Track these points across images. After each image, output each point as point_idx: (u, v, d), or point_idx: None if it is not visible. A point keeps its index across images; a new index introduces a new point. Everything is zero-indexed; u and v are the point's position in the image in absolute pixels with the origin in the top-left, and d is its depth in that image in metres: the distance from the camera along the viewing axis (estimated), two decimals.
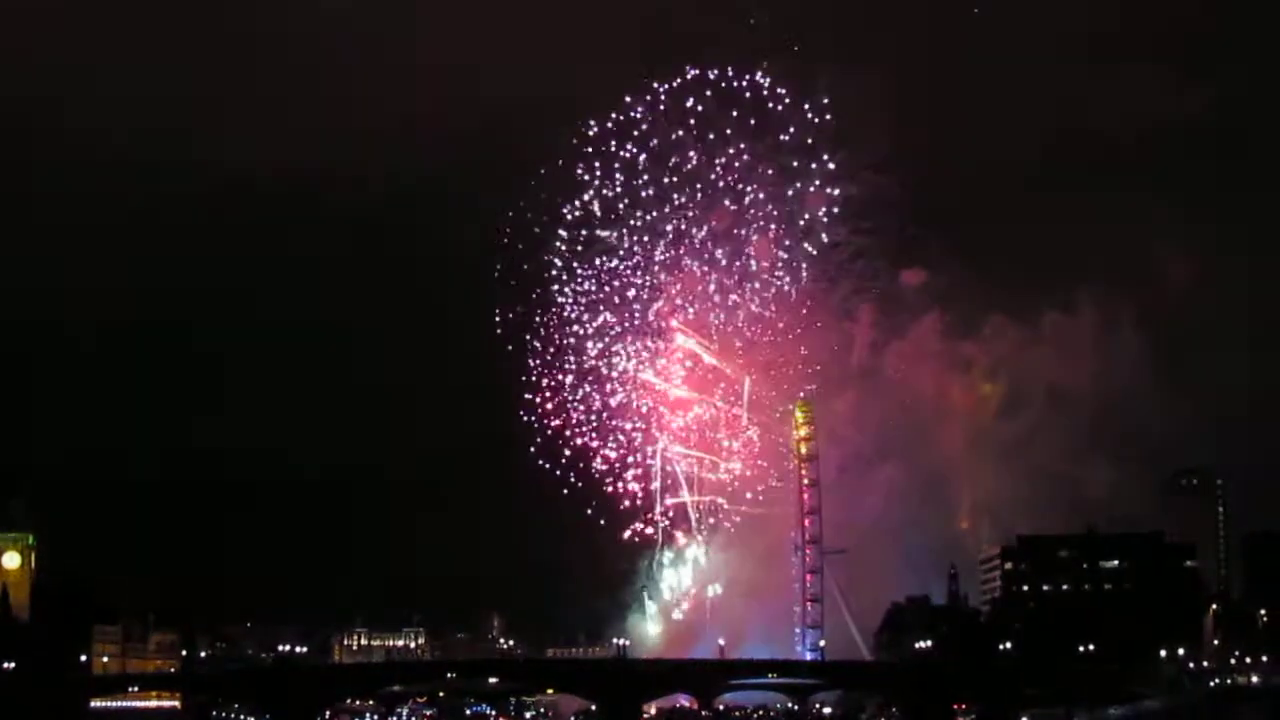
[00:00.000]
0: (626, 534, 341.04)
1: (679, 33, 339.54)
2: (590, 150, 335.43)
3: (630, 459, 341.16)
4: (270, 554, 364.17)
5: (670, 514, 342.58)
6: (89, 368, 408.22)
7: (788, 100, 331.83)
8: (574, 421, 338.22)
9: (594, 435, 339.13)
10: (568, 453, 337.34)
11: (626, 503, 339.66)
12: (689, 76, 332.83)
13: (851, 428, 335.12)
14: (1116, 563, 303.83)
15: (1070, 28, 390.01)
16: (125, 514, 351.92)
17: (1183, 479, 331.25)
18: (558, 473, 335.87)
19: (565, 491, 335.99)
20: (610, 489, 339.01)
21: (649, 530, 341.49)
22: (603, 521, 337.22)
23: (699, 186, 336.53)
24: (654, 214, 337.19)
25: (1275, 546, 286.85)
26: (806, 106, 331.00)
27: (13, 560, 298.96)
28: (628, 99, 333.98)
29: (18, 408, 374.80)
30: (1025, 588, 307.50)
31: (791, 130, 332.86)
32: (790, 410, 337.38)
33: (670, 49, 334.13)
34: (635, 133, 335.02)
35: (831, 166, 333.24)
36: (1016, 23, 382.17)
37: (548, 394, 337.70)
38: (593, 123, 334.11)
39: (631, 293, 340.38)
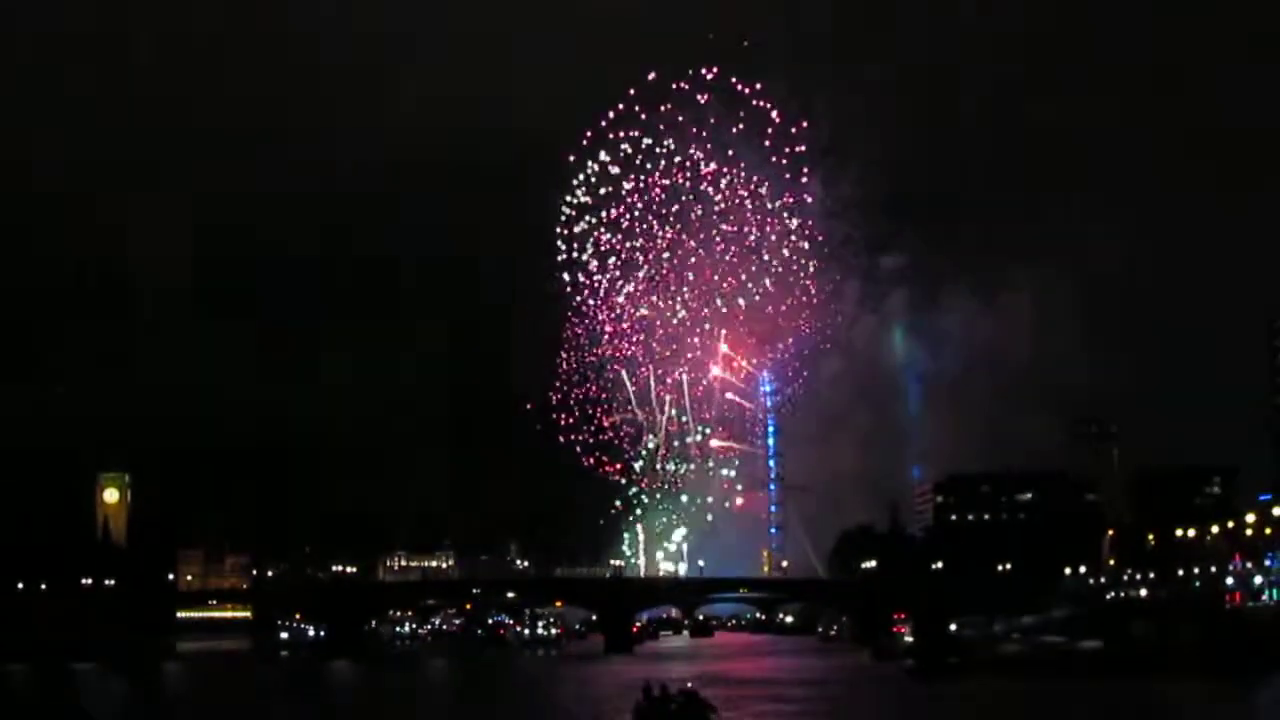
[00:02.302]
0: (620, 473, 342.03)
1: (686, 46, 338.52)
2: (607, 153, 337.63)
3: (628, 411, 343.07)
4: (325, 491, 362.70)
5: (661, 455, 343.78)
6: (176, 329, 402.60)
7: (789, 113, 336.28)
8: (582, 381, 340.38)
9: (597, 391, 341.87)
10: (575, 406, 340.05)
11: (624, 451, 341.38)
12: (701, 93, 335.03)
13: (831, 388, 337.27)
14: (1029, 496, 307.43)
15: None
16: (205, 455, 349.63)
17: (1084, 426, 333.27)
18: (568, 418, 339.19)
19: (572, 436, 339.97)
20: (608, 435, 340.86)
21: (639, 466, 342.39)
22: (604, 460, 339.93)
23: (708, 184, 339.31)
24: (671, 205, 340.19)
25: (1160, 482, 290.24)
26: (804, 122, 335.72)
27: (112, 495, 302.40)
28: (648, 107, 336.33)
29: (118, 365, 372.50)
30: (953, 517, 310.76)
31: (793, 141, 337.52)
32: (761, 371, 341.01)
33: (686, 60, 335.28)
34: (651, 137, 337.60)
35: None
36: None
37: (564, 356, 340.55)
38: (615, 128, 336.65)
39: (643, 270, 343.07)
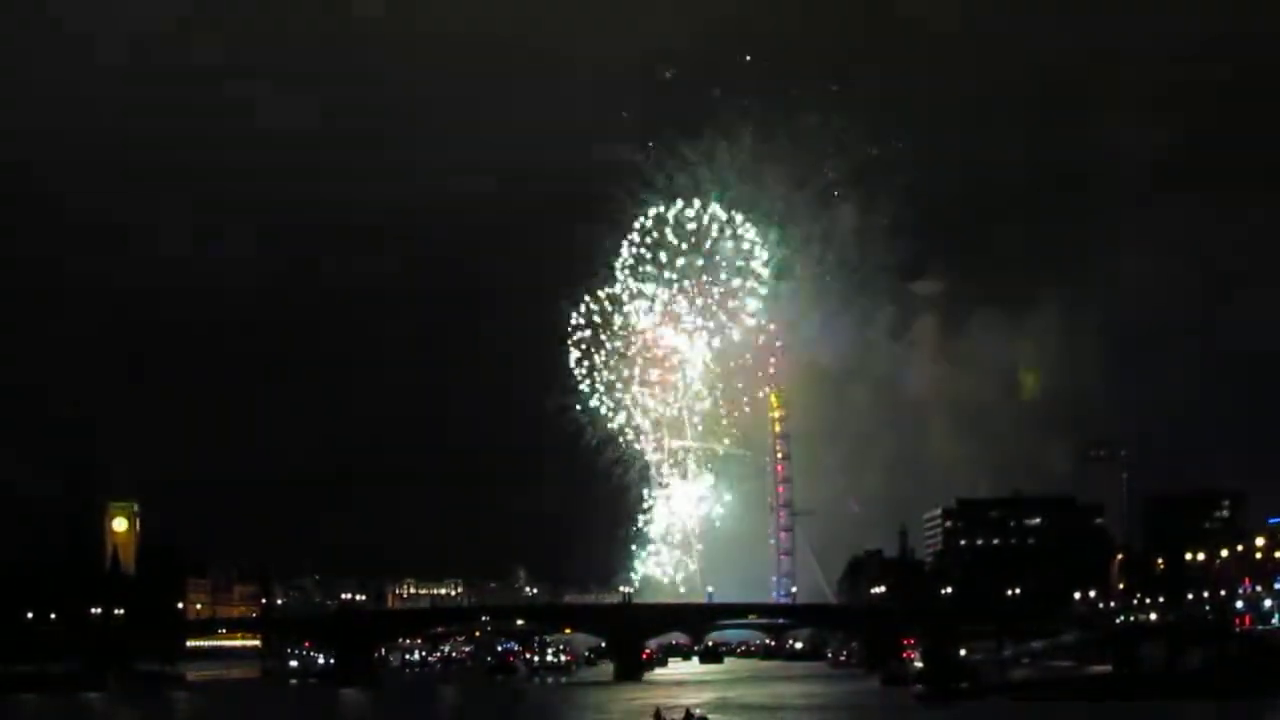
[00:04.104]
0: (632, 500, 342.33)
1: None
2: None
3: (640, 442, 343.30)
4: (332, 518, 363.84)
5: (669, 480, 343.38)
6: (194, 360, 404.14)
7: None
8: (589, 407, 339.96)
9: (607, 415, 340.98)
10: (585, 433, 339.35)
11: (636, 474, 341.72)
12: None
13: (845, 413, 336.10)
14: (1038, 521, 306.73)
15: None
16: (214, 485, 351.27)
17: (1093, 450, 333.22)
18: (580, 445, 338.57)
19: (580, 462, 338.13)
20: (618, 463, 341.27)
21: (651, 495, 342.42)
22: (612, 487, 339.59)
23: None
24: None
25: (1169, 505, 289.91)
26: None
27: (121, 524, 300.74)
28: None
29: (124, 394, 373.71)
30: (962, 542, 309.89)
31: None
32: (768, 397, 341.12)
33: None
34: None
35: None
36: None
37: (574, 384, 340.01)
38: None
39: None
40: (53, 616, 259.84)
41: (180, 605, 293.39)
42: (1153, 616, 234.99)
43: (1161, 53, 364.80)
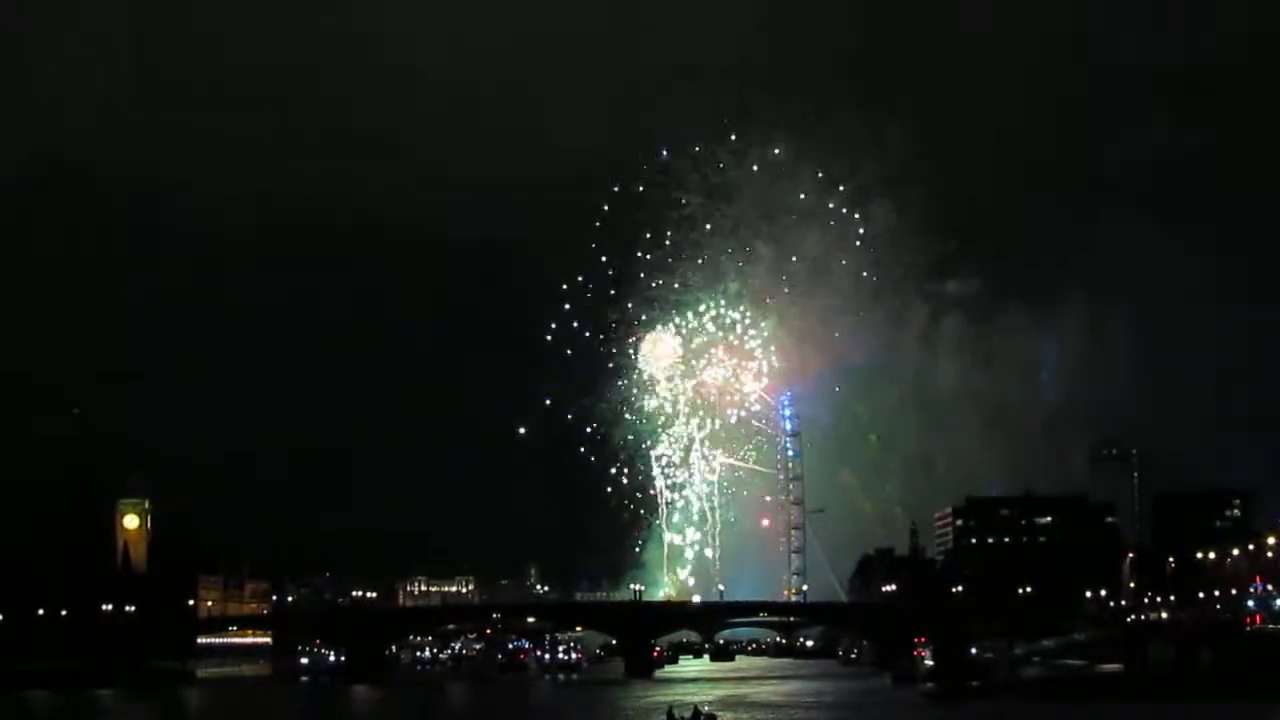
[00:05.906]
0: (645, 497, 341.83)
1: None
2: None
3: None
4: (344, 515, 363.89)
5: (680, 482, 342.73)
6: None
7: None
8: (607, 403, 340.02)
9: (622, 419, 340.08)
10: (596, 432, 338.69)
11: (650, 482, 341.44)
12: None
13: (860, 409, 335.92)
14: (1049, 520, 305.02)
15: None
16: (225, 482, 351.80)
17: (1104, 450, 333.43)
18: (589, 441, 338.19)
19: (592, 460, 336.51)
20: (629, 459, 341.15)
21: (663, 492, 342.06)
22: (624, 484, 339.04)
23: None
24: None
25: (1180, 504, 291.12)
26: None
27: (132, 521, 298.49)
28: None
29: (142, 391, 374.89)
30: (973, 541, 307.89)
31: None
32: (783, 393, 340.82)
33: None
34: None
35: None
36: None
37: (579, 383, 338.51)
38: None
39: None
40: (63, 613, 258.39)
41: (191, 602, 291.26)
42: (1164, 615, 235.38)
43: (1191, 56, 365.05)
